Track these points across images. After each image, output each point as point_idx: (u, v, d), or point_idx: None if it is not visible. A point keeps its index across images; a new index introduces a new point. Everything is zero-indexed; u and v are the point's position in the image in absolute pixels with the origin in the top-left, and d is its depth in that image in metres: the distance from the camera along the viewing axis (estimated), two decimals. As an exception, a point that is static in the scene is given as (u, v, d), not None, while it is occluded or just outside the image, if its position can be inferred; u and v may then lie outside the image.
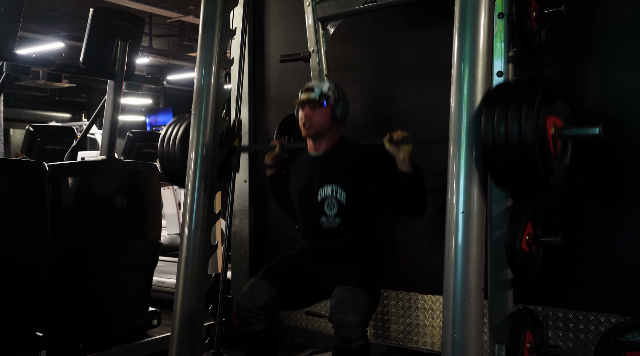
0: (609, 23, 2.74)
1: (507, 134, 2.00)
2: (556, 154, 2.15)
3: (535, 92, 2.02)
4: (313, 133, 2.70)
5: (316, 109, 2.67)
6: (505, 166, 2.04)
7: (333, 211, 2.65)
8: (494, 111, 2.04)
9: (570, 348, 2.81)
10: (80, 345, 3.33)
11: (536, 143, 1.98)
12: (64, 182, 3.27)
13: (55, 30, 11.06)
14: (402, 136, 2.49)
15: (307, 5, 3.29)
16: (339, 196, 2.64)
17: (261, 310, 2.58)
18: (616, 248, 2.74)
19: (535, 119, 1.98)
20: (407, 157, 2.48)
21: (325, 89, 2.68)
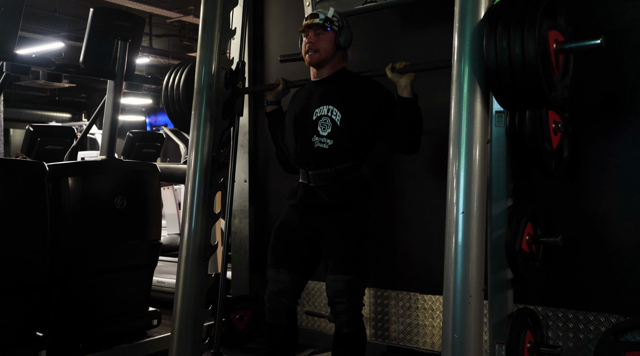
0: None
1: (509, 48, 1.99)
2: (558, 70, 2.13)
3: (537, 5, 2.00)
4: (317, 60, 2.70)
5: (320, 34, 2.67)
6: (508, 82, 2.03)
7: (326, 131, 2.64)
8: (496, 25, 2.03)
9: (570, 348, 2.82)
10: (81, 345, 3.33)
11: (539, 56, 1.97)
12: (64, 182, 3.27)
13: (55, 30, 11.06)
14: (405, 64, 2.52)
15: (307, 5, 3.29)
16: (334, 116, 2.64)
17: (290, 305, 2.69)
18: (616, 247, 2.74)
19: (537, 31, 1.96)
20: (408, 83, 2.51)
21: (330, 15, 2.68)
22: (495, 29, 2.03)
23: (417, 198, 3.35)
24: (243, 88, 3.07)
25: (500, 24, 2.02)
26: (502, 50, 2.01)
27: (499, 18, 2.04)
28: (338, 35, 2.68)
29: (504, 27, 2.01)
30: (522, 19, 1.99)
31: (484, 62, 2.06)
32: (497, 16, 2.05)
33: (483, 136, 2.11)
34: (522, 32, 1.98)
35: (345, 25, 2.72)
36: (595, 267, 2.78)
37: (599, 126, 2.78)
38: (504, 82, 2.04)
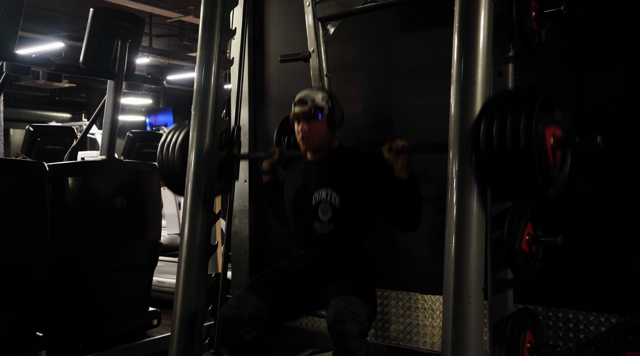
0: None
1: (505, 145, 1.97)
2: (555, 165, 2.11)
3: (534, 102, 1.98)
4: (312, 147, 2.67)
5: (311, 122, 2.63)
6: (504, 177, 2.01)
7: (327, 216, 2.61)
8: (492, 121, 2.00)
9: (570, 348, 2.82)
10: (81, 345, 3.33)
11: (535, 155, 1.94)
12: (64, 182, 3.27)
13: (55, 30, 11.06)
14: (402, 145, 2.46)
15: (307, 5, 3.29)
16: (334, 201, 2.60)
17: (247, 321, 2.51)
18: (616, 248, 2.74)
19: (534, 131, 1.93)
20: (405, 165, 2.46)
21: (318, 100, 2.63)
22: (491, 125, 2.00)
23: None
24: (239, 155, 3.04)
25: (497, 120, 1.99)
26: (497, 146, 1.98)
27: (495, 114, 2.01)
28: (330, 118, 2.64)
29: (500, 123, 1.98)
30: (518, 118, 1.96)
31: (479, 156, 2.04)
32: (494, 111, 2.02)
33: (483, 136, 2.10)
34: (518, 130, 1.95)
35: (336, 104, 2.66)
36: (596, 267, 2.78)
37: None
38: (499, 177, 2.02)
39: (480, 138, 2.02)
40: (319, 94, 2.65)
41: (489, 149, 2.00)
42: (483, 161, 2.03)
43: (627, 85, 2.75)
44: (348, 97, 3.59)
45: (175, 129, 3.19)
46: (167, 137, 3.14)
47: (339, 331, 2.28)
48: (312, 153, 2.72)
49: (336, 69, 3.41)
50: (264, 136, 4.03)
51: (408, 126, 3.40)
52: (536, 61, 2.85)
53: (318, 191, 2.64)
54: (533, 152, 1.94)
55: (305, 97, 2.66)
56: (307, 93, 2.68)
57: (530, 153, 1.94)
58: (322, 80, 3.28)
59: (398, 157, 2.45)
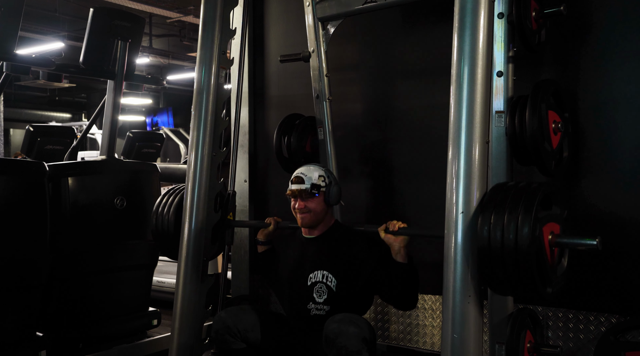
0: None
1: (503, 244, 1.96)
2: (553, 261, 2.10)
3: (532, 202, 1.97)
4: (309, 223, 2.67)
5: (308, 199, 2.63)
6: (502, 275, 2.01)
7: (322, 298, 2.61)
8: (490, 218, 1.99)
9: (570, 348, 2.81)
10: (80, 345, 3.33)
11: (532, 255, 1.94)
12: (64, 182, 3.27)
13: (55, 30, 11.05)
14: (398, 227, 2.47)
15: (307, 5, 3.29)
16: (329, 282, 2.60)
17: (238, 333, 2.54)
18: (616, 248, 2.74)
19: (531, 231, 1.93)
20: (402, 247, 2.46)
21: (315, 179, 2.63)
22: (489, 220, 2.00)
23: (417, 197, 3.35)
24: (233, 221, 3.06)
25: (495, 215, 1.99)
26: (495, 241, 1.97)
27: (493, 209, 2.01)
28: (327, 195, 2.64)
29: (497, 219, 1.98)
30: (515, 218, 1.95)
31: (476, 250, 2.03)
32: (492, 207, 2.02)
33: (482, 136, 2.11)
34: (516, 229, 1.94)
35: (332, 182, 2.67)
36: (596, 267, 2.78)
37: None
38: (497, 274, 2.02)
39: (477, 233, 2.01)
40: (315, 173, 2.65)
41: (486, 248, 1.99)
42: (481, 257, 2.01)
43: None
44: (348, 97, 3.59)
45: (171, 192, 3.16)
46: (162, 200, 3.12)
47: (337, 331, 2.32)
48: (308, 229, 2.72)
49: (336, 69, 3.41)
50: (264, 136, 4.03)
51: (408, 126, 3.40)
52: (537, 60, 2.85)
53: (314, 272, 2.64)
54: (531, 253, 1.93)
55: (302, 176, 2.65)
56: (303, 171, 2.67)
57: (527, 254, 1.93)
58: (322, 80, 3.28)
59: (395, 239, 2.46)
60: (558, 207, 2.16)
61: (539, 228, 1.99)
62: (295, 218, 2.69)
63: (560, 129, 2.55)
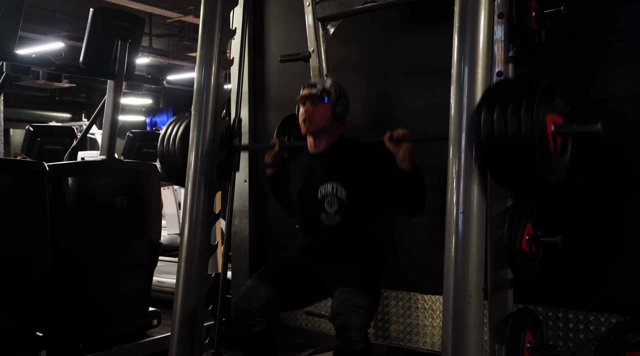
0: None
1: (506, 131, 1.99)
2: (556, 152, 2.13)
3: (535, 89, 2.01)
4: (313, 130, 2.69)
5: (317, 104, 2.66)
6: (505, 164, 2.04)
7: (333, 209, 2.65)
8: (494, 108, 2.03)
9: (570, 348, 2.82)
10: (80, 345, 3.33)
11: (536, 140, 1.97)
12: (64, 182, 3.27)
13: (55, 30, 11.05)
14: (402, 134, 2.49)
15: (307, 5, 3.29)
16: (339, 193, 2.64)
17: (259, 311, 2.56)
18: (616, 247, 2.74)
19: (534, 116, 1.97)
20: (406, 155, 2.48)
21: (327, 86, 2.68)
22: (492, 111, 2.03)
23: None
24: (239, 145, 3.06)
25: (498, 107, 2.02)
26: (499, 132, 2.01)
27: (496, 101, 2.04)
28: (335, 105, 2.67)
29: (501, 110, 2.01)
30: (519, 104, 1.99)
31: (481, 141, 2.06)
32: (495, 99, 2.05)
33: (483, 135, 2.10)
34: (519, 117, 1.97)
35: (343, 96, 2.70)
36: (595, 267, 2.78)
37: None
38: (501, 165, 2.05)
39: (481, 125, 2.04)
40: (328, 81, 2.71)
41: (490, 136, 2.02)
42: (484, 148, 2.04)
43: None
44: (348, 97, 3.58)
45: (175, 121, 3.21)
46: (167, 130, 3.17)
47: (341, 323, 2.34)
48: (313, 138, 2.73)
49: (336, 69, 3.41)
50: (264, 136, 4.03)
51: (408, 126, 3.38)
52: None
53: (324, 185, 2.68)
54: (534, 138, 1.96)
55: (314, 82, 2.72)
56: (317, 79, 2.77)
57: (531, 139, 1.96)
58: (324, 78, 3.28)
59: (399, 147, 2.48)
60: (562, 100, 2.19)
61: (542, 114, 2.01)
62: (301, 126, 2.71)
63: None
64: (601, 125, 2.04)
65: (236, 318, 2.60)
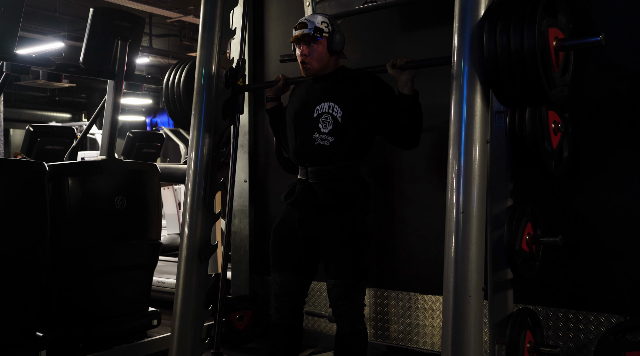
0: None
1: (509, 44, 1.99)
2: (558, 67, 2.12)
3: (537, 3, 2.00)
4: (313, 73, 2.71)
5: (311, 44, 2.66)
6: (508, 78, 2.03)
7: (327, 128, 2.64)
8: (496, 22, 2.03)
9: (570, 348, 2.82)
10: (81, 345, 3.33)
11: (538, 53, 1.97)
12: (64, 182, 3.27)
13: (55, 30, 11.05)
14: (405, 61, 2.52)
15: (307, 5, 3.29)
16: (335, 113, 2.63)
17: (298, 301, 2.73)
18: (616, 247, 2.74)
19: (537, 28, 1.96)
20: (409, 79, 2.52)
21: (318, 23, 2.67)
22: (495, 25, 2.03)
23: (417, 197, 3.35)
24: (244, 85, 3.08)
25: (500, 20, 2.02)
26: (501, 46, 2.01)
27: (499, 14, 2.04)
28: (330, 41, 2.67)
29: (503, 23, 2.01)
30: (522, 16, 1.99)
31: (484, 59, 2.06)
32: (497, 13, 2.05)
33: (483, 135, 2.11)
34: (521, 28, 1.97)
35: (336, 29, 2.70)
36: (595, 267, 2.78)
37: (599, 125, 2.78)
38: (503, 79, 2.04)
39: (484, 38, 2.04)
40: (318, 17, 2.70)
41: (492, 51, 2.02)
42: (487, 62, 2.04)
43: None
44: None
45: (178, 64, 3.29)
46: (171, 75, 3.28)
47: (339, 314, 2.60)
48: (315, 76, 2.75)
49: (336, 69, 3.41)
50: (264, 136, 4.04)
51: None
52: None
53: (320, 104, 2.68)
54: (536, 50, 1.96)
55: (304, 20, 2.70)
56: (307, 17, 2.74)
57: (534, 52, 1.96)
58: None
59: (402, 72, 2.52)
60: (564, 16, 2.19)
61: (545, 27, 2.01)
62: (300, 69, 2.72)
63: (560, 129, 2.55)
64: (603, 36, 2.03)
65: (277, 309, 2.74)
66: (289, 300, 2.72)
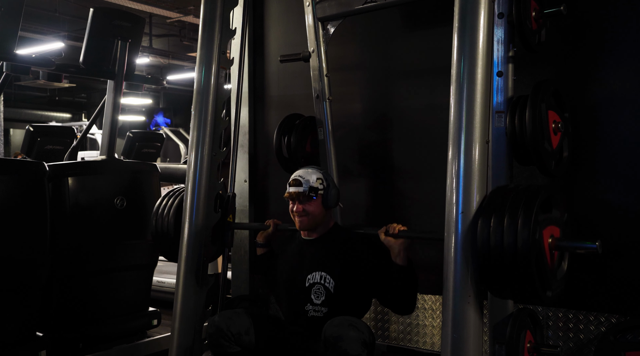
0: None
1: (502, 248, 1.96)
2: (553, 265, 2.10)
3: (532, 205, 1.97)
4: (307, 228, 2.68)
5: (306, 202, 2.63)
6: (502, 279, 2.01)
7: (320, 299, 2.59)
8: (490, 221, 2.00)
9: (570, 348, 2.81)
10: (80, 345, 3.33)
11: (532, 259, 1.94)
12: (64, 182, 3.27)
13: (55, 30, 11.05)
14: (398, 229, 2.47)
15: (307, 5, 3.29)
16: (327, 284, 2.59)
17: (233, 336, 2.53)
18: (616, 248, 2.74)
19: (531, 235, 1.93)
20: (402, 250, 2.46)
21: (313, 182, 2.63)
22: (488, 223, 2.00)
23: (417, 197, 3.35)
24: (233, 223, 3.05)
25: (494, 218, 1.99)
26: (495, 245, 1.97)
27: (493, 212, 2.01)
28: (325, 198, 2.64)
29: (497, 223, 1.98)
30: (515, 219, 1.95)
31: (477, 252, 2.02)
32: (491, 210, 2.02)
33: (482, 136, 2.11)
34: (515, 233, 1.94)
35: (331, 185, 2.67)
36: (595, 267, 2.78)
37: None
38: (496, 279, 2.02)
39: (477, 237, 2.01)
40: (313, 176, 2.65)
41: (486, 249, 1.99)
42: (481, 260, 2.01)
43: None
44: (348, 97, 3.59)
45: (170, 194, 3.17)
46: (162, 202, 3.13)
47: (337, 335, 2.31)
48: (307, 232, 2.72)
49: (336, 69, 3.41)
50: (264, 136, 4.03)
51: (408, 126, 3.40)
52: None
53: (312, 274, 2.63)
54: (530, 258, 1.93)
55: (299, 178, 2.65)
56: (301, 174, 2.67)
57: (528, 256, 1.92)
58: (322, 80, 3.28)
59: (395, 242, 2.46)
60: (558, 210, 2.15)
61: (539, 232, 1.98)
62: (294, 221, 2.69)
63: (560, 129, 2.55)
64: (600, 244, 2.00)
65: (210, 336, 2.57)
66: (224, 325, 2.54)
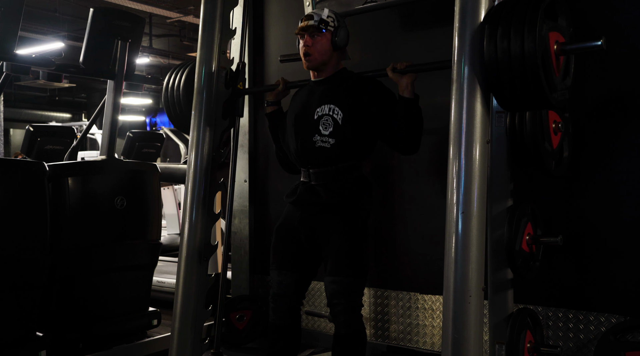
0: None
1: (510, 48, 1.99)
2: (559, 71, 2.12)
3: (538, 6, 2.00)
4: (315, 65, 2.70)
5: (315, 36, 2.66)
6: (508, 82, 2.03)
7: (328, 130, 2.63)
8: (497, 26, 2.03)
9: (570, 348, 2.82)
10: (81, 345, 3.33)
11: (539, 57, 1.96)
12: (64, 182, 3.27)
13: (55, 30, 11.05)
14: (406, 64, 2.53)
15: (307, 5, 3.29)
16: (336, 115, 2.63)
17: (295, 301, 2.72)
18: (616, 247, 2.74)
19: (537, 32, 1.96)
20: (409, 83, 2.52)
21: (324, 16, 2.67)
22: (495, 29, 2.03)
23: (417, 197, 3.35)
24: (243, 89, 3.08)
25: (501, 24, 2.02)
26: (502, 50, 2.00)
27: (499, 19, 2.04)
28: (334, 35, 2.67)
29: (504, 27, 2.01)
30: (522, 20, 1.98)
31: (484, 62, 2.06)
32: (498, 17, 2.05)
33: (483, 136, 2.11)
34: (522, 32, 1.97)
35: (342, 25, 2.70)
36: (595, 267, 2.78)
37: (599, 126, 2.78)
38: (504, 83, 2.04)
39: (484, 43, 2.04)
40: (325, 11, 2.70)
41: (493, 56, 2.02)
42: (488, 67, 2.04)
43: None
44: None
45: (179, 67, 3.30)
46: (171, 78, 3.31)
47: (335, 314, 2.60)
48: (316, 72, 2.75)
49: (336, 69, 3.40)
50: (264, 136, 4.03)
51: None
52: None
53: (321, 106, 2.68)
54: (537, 54, 1.95)
55: (311, 12, 2.70)
56: (314, 10, 2.73)
57: (534, 57, 1.95)
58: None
59: (402, 76, 2.52)
60: (564, 20, 2.18)
61: (545, 31, 2.01)
62: (302, 62, 2.72)
63: (560, 129, 2.55)
64: (604, 41, 2.03)
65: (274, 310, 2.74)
66: (286, 300, 2.71)
